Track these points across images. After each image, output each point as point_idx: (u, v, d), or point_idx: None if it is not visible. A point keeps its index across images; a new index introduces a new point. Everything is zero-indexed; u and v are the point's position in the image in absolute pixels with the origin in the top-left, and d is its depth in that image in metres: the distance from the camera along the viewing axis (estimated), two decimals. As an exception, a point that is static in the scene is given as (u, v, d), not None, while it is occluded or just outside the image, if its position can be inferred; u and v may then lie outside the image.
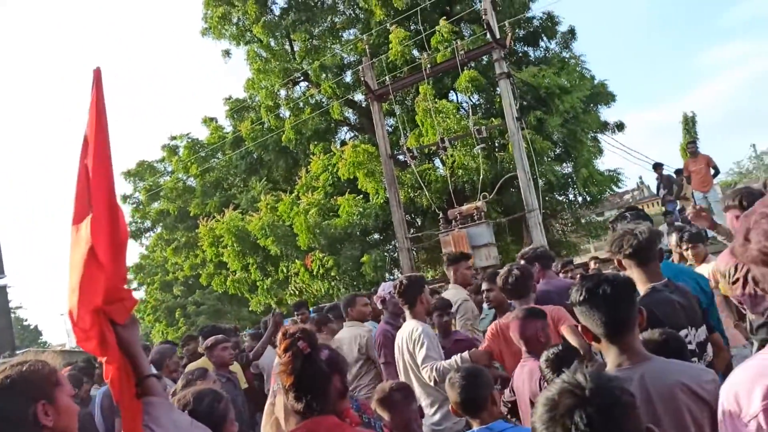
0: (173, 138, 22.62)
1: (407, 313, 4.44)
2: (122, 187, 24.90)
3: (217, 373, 4.99)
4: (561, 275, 6.84)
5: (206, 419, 2.17)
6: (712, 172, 12.14)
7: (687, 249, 5.48)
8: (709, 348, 2.96)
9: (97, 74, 2.08)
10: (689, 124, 25.35)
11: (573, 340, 3.13)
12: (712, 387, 1.93)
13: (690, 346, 2.79)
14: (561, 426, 1.27)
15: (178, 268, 23.46)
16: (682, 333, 2.80)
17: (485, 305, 4.90)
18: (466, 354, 3.95)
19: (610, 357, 2.09)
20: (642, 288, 2.98)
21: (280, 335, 2.14)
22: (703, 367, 2.03)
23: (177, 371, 5.56)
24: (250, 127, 18.60)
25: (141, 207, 23.97)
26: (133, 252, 33.67)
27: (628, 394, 1.36)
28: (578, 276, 3.30)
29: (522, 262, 4.80)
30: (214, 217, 17.44)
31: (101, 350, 1.95)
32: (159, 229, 24.21)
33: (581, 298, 2.12)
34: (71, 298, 1.96)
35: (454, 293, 5.20)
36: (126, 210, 22.97)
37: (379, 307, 5.13)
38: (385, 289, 5.08)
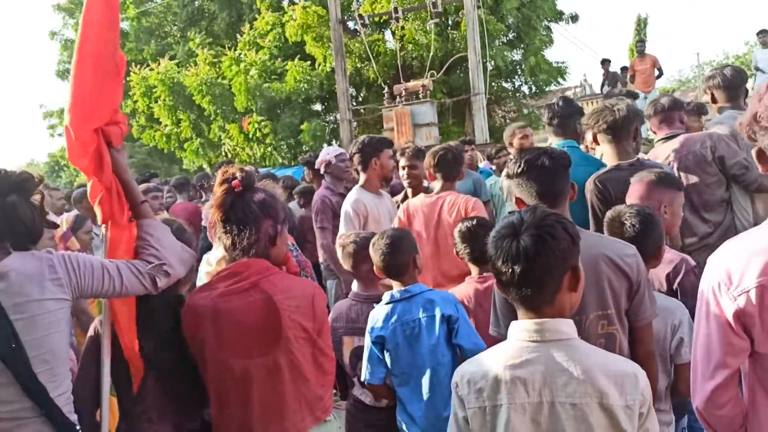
0: (113, -26, 20.86)
1: (361, 176, 4.23)
2: (52, 21, 23.05)
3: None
4: (495, 160, 6.86)
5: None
6: (657, 73, 12.30)
7: None
8: None
9: None
10: (641, 25, 25.25)
11: None
12: (633, 261, 2.03)
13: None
14: (501, 248, 1.49)
15: (108, 117, 22.39)
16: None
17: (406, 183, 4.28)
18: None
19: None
20: (610, 164, 3.04)
21: (221, 171, 2.17)
22: (626, 243, 2.10)
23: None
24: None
25: (70, 45, 22.33)
26: (61, 95, 31.96)
27: (562, 230, 1.48)
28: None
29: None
30: (148, 65, 16.46)
31: (95, 169, 2.02)
32: (88, 74, 22.75)
33: (519, 170, 2.14)
34: (73, 114, 1.99)
35: None
36: (54, 47, 21.37)
37: (322, 171, 4.92)
38: (330, 153, 4.80)
